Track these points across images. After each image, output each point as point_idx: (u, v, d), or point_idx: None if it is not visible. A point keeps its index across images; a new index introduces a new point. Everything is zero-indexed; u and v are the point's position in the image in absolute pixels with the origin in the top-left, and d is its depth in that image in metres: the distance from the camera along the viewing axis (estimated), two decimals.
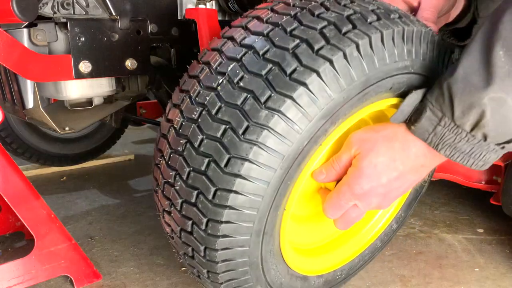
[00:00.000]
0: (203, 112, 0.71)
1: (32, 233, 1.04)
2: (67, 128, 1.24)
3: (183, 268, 1.21)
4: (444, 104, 0.71)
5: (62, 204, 1.69)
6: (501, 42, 0.64)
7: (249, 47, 0.71)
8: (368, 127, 0.84)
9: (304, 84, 0.66)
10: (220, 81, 0.70)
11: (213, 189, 0.70)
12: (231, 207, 0.70)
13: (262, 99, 0.66)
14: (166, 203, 0.80)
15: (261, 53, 0.70)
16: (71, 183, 1.95)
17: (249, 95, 0.67)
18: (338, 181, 0.86)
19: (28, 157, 1.95)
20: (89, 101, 1.25)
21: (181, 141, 0.74)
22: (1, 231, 1.36)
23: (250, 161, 0.67)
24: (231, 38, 0.76)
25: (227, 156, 0.68)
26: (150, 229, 1.46)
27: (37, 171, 2.07)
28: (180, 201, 0.76)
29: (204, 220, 0.72)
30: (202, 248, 0.77)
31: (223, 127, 0.68)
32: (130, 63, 1.15)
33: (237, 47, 0.73)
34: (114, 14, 1.10)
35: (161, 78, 1.34)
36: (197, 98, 0.74)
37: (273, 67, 0.68)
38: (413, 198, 1.15)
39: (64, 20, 1.04)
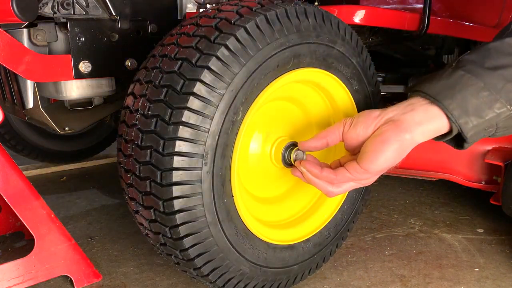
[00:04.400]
0: (133, 146, 0.85)
1: (32, 233, 1.04)
2: (67, 128, 1.23)
3: None
4: None
5: (62, 204, 1.69)
6: None
7: (149, 82, 0.84)
8: None
9: (192, 93, 0.77)
10: (137, 117, 0.84)
11: (160, 202, 0.82)
12: (183, 224, 0.83)
13: (167, 118, 0.79)
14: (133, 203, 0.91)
15: (157, 82, 0.81)
16: (71, 183, 1.95)
17: (157, 119, 0.80)
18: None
19: (27, 154, 1.95)
20: (89, 101, 1.25)
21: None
22: (1, 231, 1.36)
23: (177, 169, 0.79)
24: (138, 80, 0.89)
25: (159, 173, 0.80)
26: None
27: (37, 171, 2.07)
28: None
29: (167, 229, 0.85)
30: (177, 252, 0.87)
31: (148, 151, 0.82)
32: (130, 63, 1.15)
33: (143, 84, 0.86)
34: (114, 14, 1.10)
35: None
36: (127, 137, 0.87)
37: (168, 90, 0.80)
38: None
39: (64, 20, 1.04)
